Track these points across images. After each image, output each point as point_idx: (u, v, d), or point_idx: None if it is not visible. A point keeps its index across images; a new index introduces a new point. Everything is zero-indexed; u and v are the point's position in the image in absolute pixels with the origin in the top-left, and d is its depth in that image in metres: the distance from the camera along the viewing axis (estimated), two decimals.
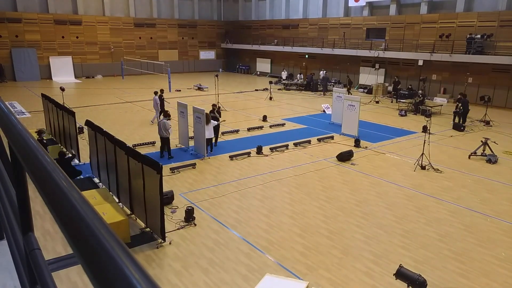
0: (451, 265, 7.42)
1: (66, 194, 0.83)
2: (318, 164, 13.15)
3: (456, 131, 17.91)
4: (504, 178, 12.10)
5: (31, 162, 1.05)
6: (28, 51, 32.41)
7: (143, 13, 38.68)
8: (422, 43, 26.89)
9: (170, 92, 27.80)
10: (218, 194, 10.54)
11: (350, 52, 30.71)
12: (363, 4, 30.79)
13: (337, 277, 6.98)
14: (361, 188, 11.17)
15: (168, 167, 12.16)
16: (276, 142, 15.29)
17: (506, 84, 23.51)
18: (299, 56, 36.12)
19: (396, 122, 19.78)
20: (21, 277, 1.59)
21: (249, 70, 42.23)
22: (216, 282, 6.79)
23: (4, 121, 1.47)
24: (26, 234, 1.39)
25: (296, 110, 22.62)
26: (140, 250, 7.75)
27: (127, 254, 0.64)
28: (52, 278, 1.19)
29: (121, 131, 16.47)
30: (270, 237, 8.34)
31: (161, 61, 35.01)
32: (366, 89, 29.80)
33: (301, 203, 10.08)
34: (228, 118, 19.77)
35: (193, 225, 8.73)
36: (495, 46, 23.19)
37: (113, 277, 0.60)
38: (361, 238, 8.37)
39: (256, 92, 28.96)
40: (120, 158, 9.05)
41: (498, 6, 23.65)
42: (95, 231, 0.69)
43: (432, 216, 9.47)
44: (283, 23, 37.88)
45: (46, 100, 15.06)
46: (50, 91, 23.44)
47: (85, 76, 35.48)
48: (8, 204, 1.83)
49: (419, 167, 12.70)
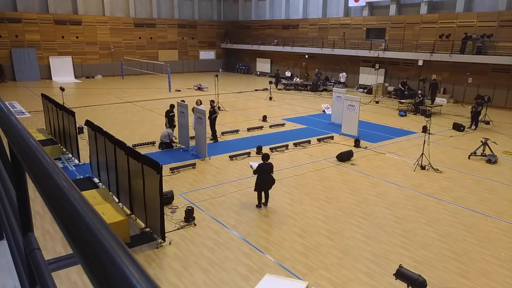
0: (451, 265, 7.42)
1: (66, 194, 0.83)
2: (318, 164, 13.15)
3: (456, 131, 17.91)
4: (504, 178, 12.10)
5: (31, 162, 1.05)
6: (28, 51, 32.41)
7: (143, 13, 38.69)
8: (422, 43, 26.90)
9: (170, 92, 27.84)
10: (218, 194, 10.54)
11: (350, 52, 30.71)
12: (363, 4, 30.79)
13: (337, 277, 6.98)
14: (361, 188, 11.17)
15: (168, 167, 12.16)
16: (276, 142, 15.29)
17: (506, 84, 23.51)
18: (299, 56, 36.12)
19: (396, 122, 19.78)
20: (21, 277, 1.59)
21: (249, 70, 42.23)
22: (216, 282, 6.79)
23: (4, 121, 1.47)
24: (26, 234, 1.39)
25: (296, 110, 22.62)
26: (140, 250, 7.75)
27: (127, 254, 0.64)
28: (52, 278, 1.19)
29: (121, 131, 16.47)
30: (270, 237, 8.34)
31: (161, 61, 35.01)
32: (366, 89, 29.81)
33: (301, 203, 10.07)
34: (228, 118, 19.80)
35: (193, 225, 8.73)
36: (495, 46, 23.19)
37: (113, 277, 0.60)
38: (361, 238, 8.37)
39: (256, 92, 28.97)
40: (120, 158, 9.05)
41: (498, 6, 23.65)
42: (95, 231, 0.69)
43: (432, 216, 9.47)
44: (283, 23, 37.88)
45: (46, 100, 15.05)
46: (50, 91, 23.46)
47: (85, 76, 35.47)
48: (8, 204, 1.83)
49: (419, 167, 12.70)
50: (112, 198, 9.36)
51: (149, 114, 20.49)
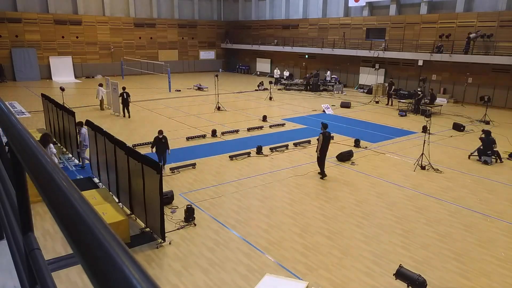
0: (451, 265, 7.42)
1: (66, 194, 0.83)
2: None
3: (456, 131, 17.91)
4: (504, 178, 12.10)
5: (31, 162, 1.05)
6: (28, 51, 32.41)
7: (143, 13, 38.69)
8: (422, 43, 26.90)
9: (170, 92, 27.84)
10: (218, 194, 10.54)
11: (350, 52, 30.71)
12: (363, 4, 30.79)
13: (337, 277, 6.98)
14: (361, 188, 11.17)
15: (168, 167, 12.16)
16: (276, 142, 15.29)
17: (506, 84, 23.51)
18: (299, 56, 36.12)
19: (396, 122, 19.78)
20: (21, 277, 1.59)
21: (249, 70, 42.23)
22: (216, 282, 6.79)
23: (4, 121, 1.47)
24: (26, 234, 1.38)
25: (296, 110, 22.62)
26: (140, 250, 7.75)
27: (127, 254, 0.63)
28: (52, 278, 1.19)
29: (121, 131, 16.46)
30: (270, 237, 8.34)
31: (161, 61, 35.00)
32: (366, 89, 29.80)
33: (301, 203, 10.07)
34: (228, 118, 19.80)
35: (193, 225, 8.73)
36: (495, 46, 23.19)
37: (113, 277, 0.60)
38: (361, 238, 8.37)
39: (256, 92, 28.97)
40: (120, 158, 9.05)
41: (498, 6, 23.65)
42: (95, 231, 0.69)
43: (432, 216, 9.47)
44: (283, 23, 37.87)
45: (46, 100, 15.06)
46: (50, 91, 23.45)
47: (85, 76, 35.47)
48: (8, 204, 1.83)
49: (419, 167, 12.69)
50: (112, 198, 9.36)
51: (149, 114, 20.49)
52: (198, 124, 18.33)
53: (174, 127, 17.84)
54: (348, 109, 22.97)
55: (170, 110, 21.85)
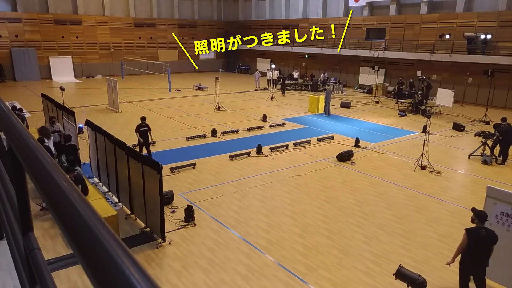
0: (451, 265, 7.41)
1: (66, 194, 0.83)
2: (318, 164, 13.15)
3: (456, 131, 17.91)
4: (504, 178, 12.09)
5: (31, 162, 1.05)
6: (28, 51, 32.39)
7: (143, 13, 38.67)
8: (422, 43, 26.89)
9: (170, 92, 27.83)
10: (218, 194, 10.54)
11: (350, 52, 30.69)
12: (363, 4, 30.78)
13: (337, 277, 6.98)
14: (361, 188, 11.17)
15: (168, 167, 12.16)
16: (276, 142, 15.28)
17: (506, 84, 23.50)
18: (299, 56, 36.10)
19: (396, 122, 19.78)
20: (21, 277, 1.59)
21: (249, 70, 42.20)
22: (216, 282, 6.79)
23: (4, 121, 1.47)
24: (26, 234, 1.38)
25: (296, 110, 22.62)
26: (140, 250, 7.75)
27: (127, 254, 0.64)
28: (52, 278, 1.19)
29: (121, 131, 16.47)
30: (270, 237, 8.33)
31: (161, 61, 34.98)
32: (366, 89, 29.79)
33: (301, 203, 10.07)
34: (228, 118, 19.80)
35: (193, 225, 8.73)
36: (495, 46, 23.18)
37: (113, 277, 0.60)
38: (361, 238, 8.37)
39: (256, 92, 28.97)
40: (120, 158, 9.05)
41: (498, 6, 23.64)
42: (95, 231, 0.69)
43: (432, 216, 9.47)
44: (283, 23, 37.83)
45: (46, 100, 15.06)
46: (50, 91, 23.43)
47: (85, 76, 35.46)
48: (8, 204, 1.83)
49: (419, 167, 12.69)
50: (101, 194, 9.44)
51: (149, 114, 20.47)
52: (198, 124, 18.33)
53: (174, 127, 17.85)
54: (348, 109, 22.99)
55: (170, 110, 21.85)
